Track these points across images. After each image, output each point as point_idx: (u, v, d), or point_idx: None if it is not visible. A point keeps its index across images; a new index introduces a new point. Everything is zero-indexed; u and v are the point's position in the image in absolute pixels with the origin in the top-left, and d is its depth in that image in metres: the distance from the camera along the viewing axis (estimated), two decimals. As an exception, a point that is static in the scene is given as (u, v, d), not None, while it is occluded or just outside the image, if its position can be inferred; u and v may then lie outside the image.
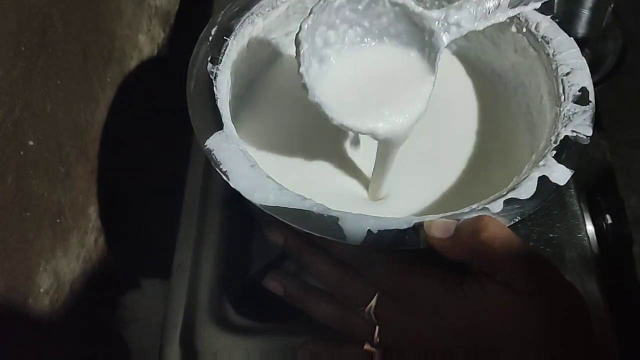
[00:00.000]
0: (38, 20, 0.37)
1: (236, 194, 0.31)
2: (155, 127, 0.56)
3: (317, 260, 0.32)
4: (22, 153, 0.36)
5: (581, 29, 0.48)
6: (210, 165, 0.32)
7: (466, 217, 0.30)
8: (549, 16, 0.38)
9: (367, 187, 0.40)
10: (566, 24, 0.41)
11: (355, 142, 0.42)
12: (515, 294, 0.27)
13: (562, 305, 0.27)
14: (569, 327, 0.27)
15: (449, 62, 0.45)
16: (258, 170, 0.32)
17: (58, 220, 0.41)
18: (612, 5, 0.51)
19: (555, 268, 0.28)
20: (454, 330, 0.28)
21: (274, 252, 0.41)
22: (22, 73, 0.35)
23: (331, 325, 0.33)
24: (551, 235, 0.46)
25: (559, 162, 0.32)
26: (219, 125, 0.33)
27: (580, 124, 0.34)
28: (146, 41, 0.54)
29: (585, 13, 0.48)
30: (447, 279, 0.29)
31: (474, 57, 0.44)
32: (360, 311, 0.31)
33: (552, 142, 0.33)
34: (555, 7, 0.41)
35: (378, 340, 0.31)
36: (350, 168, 0.41)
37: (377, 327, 0.30)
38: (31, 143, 0.37)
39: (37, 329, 0.40)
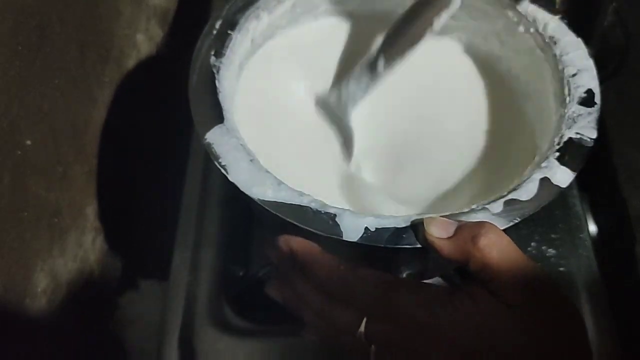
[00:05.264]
0: (35, 20, 0.37)
1: (235, 190, 0.31)
2: (154, 127, 0.56)
3: (306, 291, 0.32)
4: (19, 152, 0.36)
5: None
6: (209, 166, 0.31)
7: (465, 217, 0.29)
8: (558, 16, 0.38)
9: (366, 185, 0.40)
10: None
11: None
12: (507, 307, 0.27)
13: (555, 322, 0.27)
14: (561, 344, 0.27)
15: (457, 60, 0.44)
16: (257, 164, 0.31)
17: (55, 220, 0.41)
18: (613, 5, 0.51)
19: (555, 285, 0.28)
20: (448, 344, 0.27)
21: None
22: (20, 73, 0.35)
23: (327, 342, 0.32)
24: (553, 235, 0.46)
25: (561, 164, 0.32)
26: (220, 119, 0.33)
27: (584, 126, 0.33)
28: (145, 40, 0.54)
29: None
30: (436, 294, 0.28)
31: (484, 56, 0.44)
32: (353, 334, 0.30)
33: (555, 143, 0.33)
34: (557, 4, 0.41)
35: (374, 353, 0.30)
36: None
37: (372, 346, 0.30)
38: (28, 142, 0.37)
39: (34, 330, 0.39)
